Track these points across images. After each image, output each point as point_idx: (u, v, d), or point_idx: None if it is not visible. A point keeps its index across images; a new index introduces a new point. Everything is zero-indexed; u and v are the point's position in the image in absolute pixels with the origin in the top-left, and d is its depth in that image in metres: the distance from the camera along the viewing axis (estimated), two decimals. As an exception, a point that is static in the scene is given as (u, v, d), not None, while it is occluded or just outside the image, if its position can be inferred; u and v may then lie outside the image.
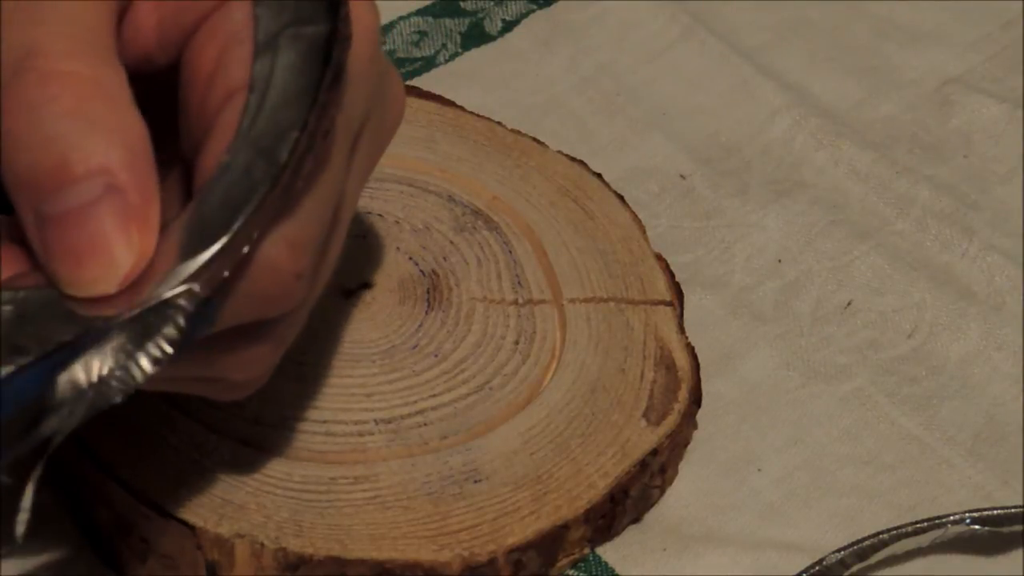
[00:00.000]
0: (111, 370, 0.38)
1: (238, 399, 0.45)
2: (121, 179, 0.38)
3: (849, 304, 0.60)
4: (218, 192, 0.39)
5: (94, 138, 0.38)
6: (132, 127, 0.39)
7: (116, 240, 0.38)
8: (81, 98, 0.38)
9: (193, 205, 0.39)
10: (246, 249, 0.39)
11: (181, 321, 0.38)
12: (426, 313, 0.54)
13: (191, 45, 0.42)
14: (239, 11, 0.41)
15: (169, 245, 0.39)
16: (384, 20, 0.67)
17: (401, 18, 0.68)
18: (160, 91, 0.43)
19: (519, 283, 0.56)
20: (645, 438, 0.52)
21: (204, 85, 0.41)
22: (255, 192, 0.39)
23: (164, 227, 0.39)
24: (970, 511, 0.53)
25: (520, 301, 0.55)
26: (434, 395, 0.52)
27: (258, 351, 0.43)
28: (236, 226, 0.39)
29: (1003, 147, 0.65)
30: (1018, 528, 0.53)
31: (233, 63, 0.41)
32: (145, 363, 0.38)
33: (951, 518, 0.52)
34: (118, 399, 0.38)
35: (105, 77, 0.39)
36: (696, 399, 0.54)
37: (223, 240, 0.38)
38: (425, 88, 0.62)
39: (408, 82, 0.64)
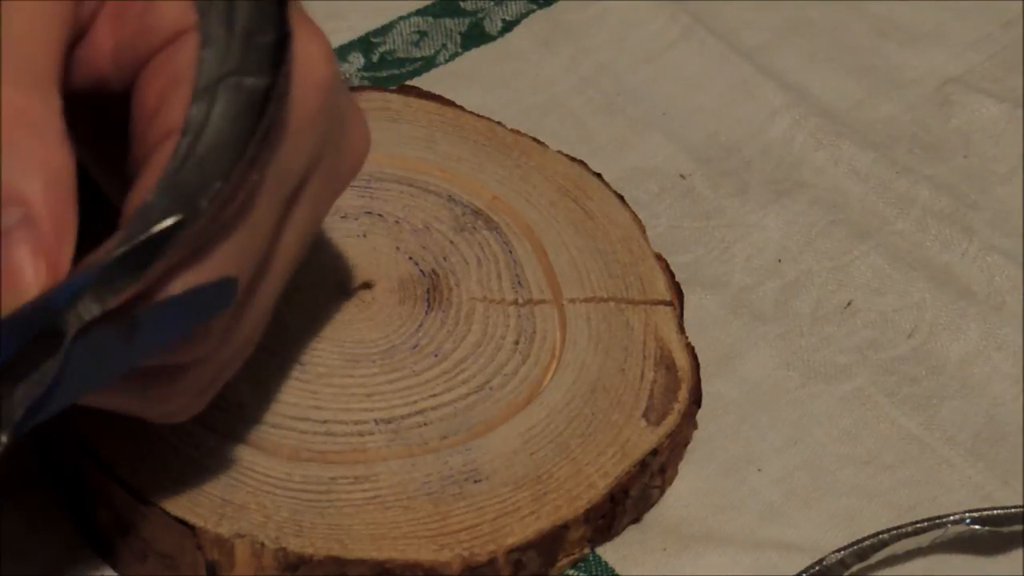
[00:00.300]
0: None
1: (172, 423, 0.46)
2: (37, 211, 0.38)
3: (849, 304, 0.60)
4: (136, 235, 0.39)
5: (15, 167, 0.38)
6: (56, 161, 0.38)
7: (25, 271, 0.38)
8: (8, 127, 0.38)
9: (110, 244, 0.39)
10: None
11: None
12: (426, 313, 0.54)
13: (142, 76, 0.42)
14: (186, 51, 0.41)
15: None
16: (384, 20, 0.67)
17: (401, 18, 0.68)
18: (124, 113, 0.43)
19: (519, 283, 0.56)
20: (645, 438, 0.52)
21: (146, 120, 0.41)
22: (169, 239, 0.39)
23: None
24: (970, 511, 0.53)
25: (520, 301, 0.55)
26: (434, 395, 0.52)
27: (174, 389, 0.43)
28: (145, 272, 0.38)
29: (1003, 147, 0.65)
30: (1018, 528, 0.53)
31: (173, 103, 0.41)
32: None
33: (951, 518, 0.52)
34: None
35: (36, 107, 0.39)
36: (696, 399, 0.54)
37: (131, 287, 0.38)
38: (425, 88, 0.62)
39: (408, 82, 0.64)
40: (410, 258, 0.56)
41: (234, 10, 0.41)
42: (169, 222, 0.38)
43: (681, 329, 0.55)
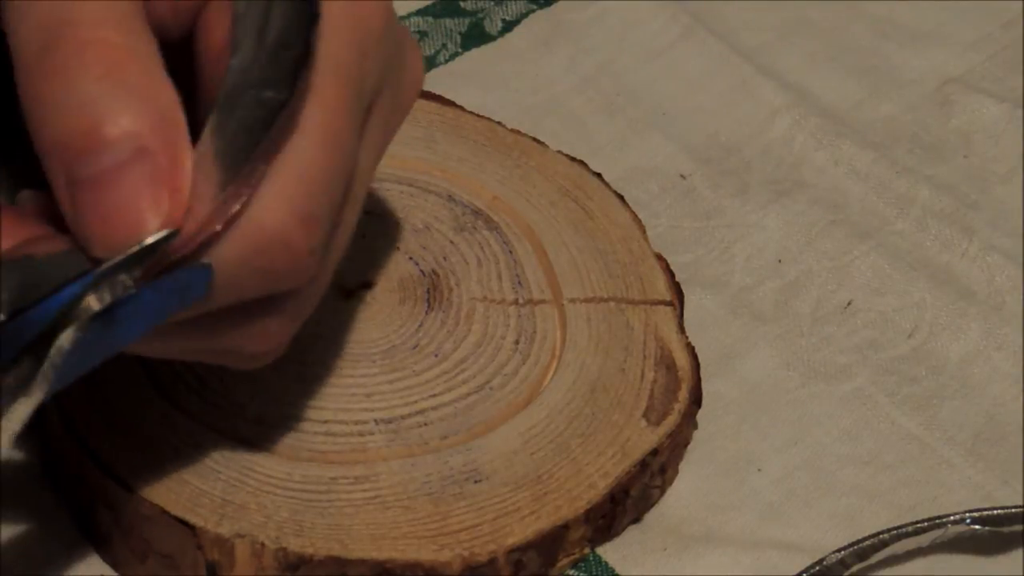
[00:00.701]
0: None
1: (254, 368, 0.46)
2: (151, 142, 0.39)
3: (849, 304, 0.60)
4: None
5: (125, 102, 0.39)
6: (163, 92, 0.39)
7: (145, 202, 0.38)
8: (113, 65, 0.39)
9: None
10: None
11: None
12: (426, 313, 0.54)
13: (204, 18, 0.43)
14: None
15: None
16: (384, 20, 0.67)
17: (401, 18, 0.67)
18: (183, 62, 0.43)
19: (519, 283, 0.56)
20: (645, 438, 0.52)
21: (214, 62, 0.42)
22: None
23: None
24: (970, 511, 0.53)
25: (520, 301, 0.55)
26: (434, 395, 0.52)
27: (271, 324, 0.44)
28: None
29: (1003, 147, 0.65)
30: (1018, 528, 0.53)
31: None
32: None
33: (951, 518, 0.52)
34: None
35: (136, 45, 0.40)
36: (696, 399, 0.54)
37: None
38: (425, 88, 0.62)
39: (408, 82, 0.64)
40: (410, 258, 0.56)
41: (268, 20, 0.41)
42: (162, 235, 0.39)
43: (681, 329, 0.55)
